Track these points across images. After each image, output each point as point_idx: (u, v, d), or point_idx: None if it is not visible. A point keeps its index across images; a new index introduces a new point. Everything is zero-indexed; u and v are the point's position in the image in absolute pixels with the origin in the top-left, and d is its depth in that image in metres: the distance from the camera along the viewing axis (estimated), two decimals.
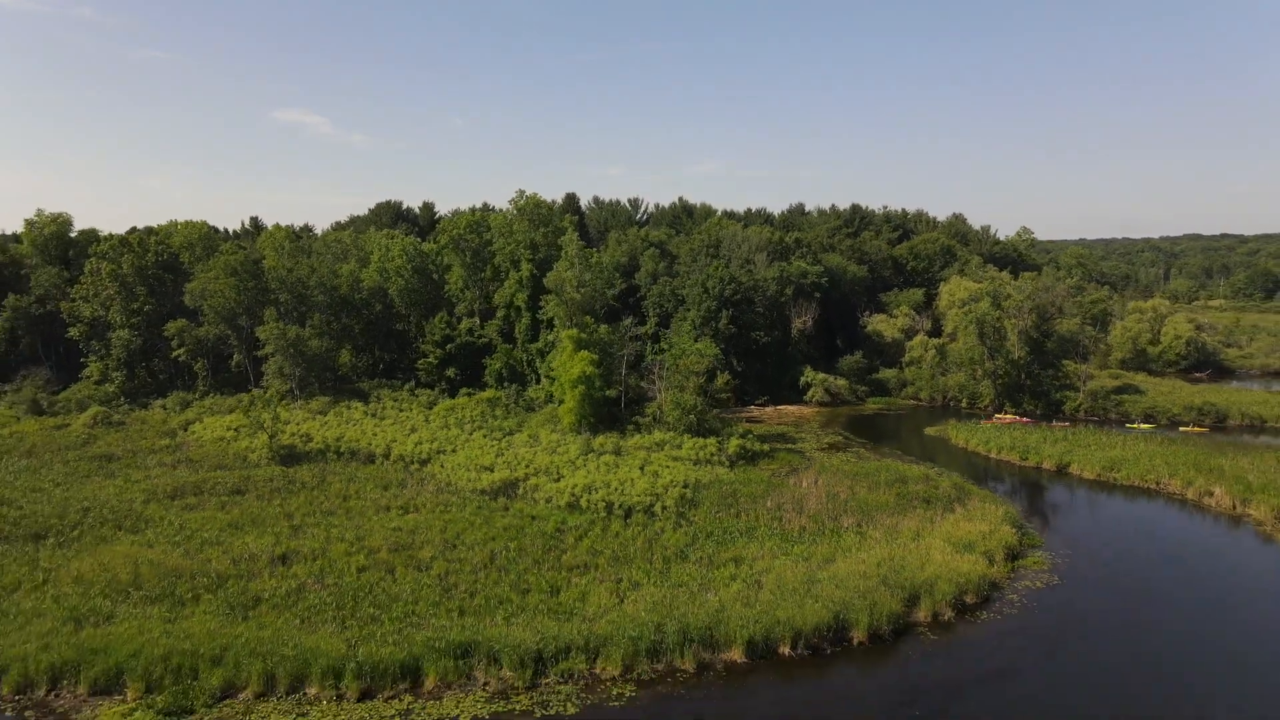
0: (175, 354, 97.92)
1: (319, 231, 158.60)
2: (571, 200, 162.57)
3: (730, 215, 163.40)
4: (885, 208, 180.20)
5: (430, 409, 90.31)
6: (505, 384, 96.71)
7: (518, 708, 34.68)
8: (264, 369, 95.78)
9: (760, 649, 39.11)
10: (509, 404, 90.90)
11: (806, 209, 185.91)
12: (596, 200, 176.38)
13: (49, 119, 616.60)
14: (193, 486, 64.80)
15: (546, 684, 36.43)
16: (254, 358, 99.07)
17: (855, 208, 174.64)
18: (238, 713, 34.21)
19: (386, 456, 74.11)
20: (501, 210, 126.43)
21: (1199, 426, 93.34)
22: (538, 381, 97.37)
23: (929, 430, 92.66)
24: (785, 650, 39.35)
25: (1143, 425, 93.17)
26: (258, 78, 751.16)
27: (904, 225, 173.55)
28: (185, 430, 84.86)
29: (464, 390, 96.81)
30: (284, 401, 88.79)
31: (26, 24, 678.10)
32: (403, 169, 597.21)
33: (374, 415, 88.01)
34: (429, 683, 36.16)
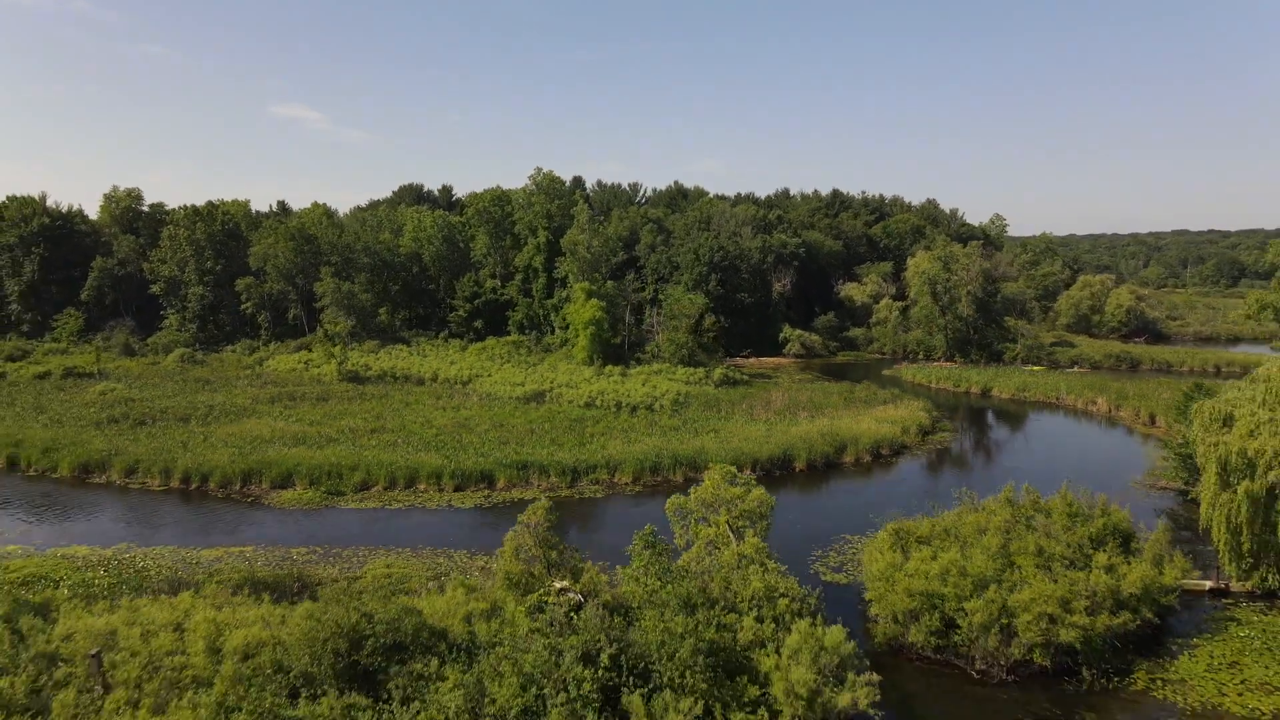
0: (243, 307, 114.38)
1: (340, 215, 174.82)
2: (578, 182, 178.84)
3: (721, 198, 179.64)
4: (863, 193, 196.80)
5: (463, 351, 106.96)
6: (526, 332, 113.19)
7: (562, 495, 51.30)
8: (320, 319, 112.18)
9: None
10: (530, 346, 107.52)
11: (791, 193, 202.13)
12: (600, 183, 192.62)
13: (47, 115, 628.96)
14: (285, 395, 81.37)
15: (581, 485, 53.11)
16: (310, 310, 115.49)
17: (835, 192, 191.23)
18: (374, 495, 50.84)
19: (434, 380, 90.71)
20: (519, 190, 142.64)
21: (1081, 368, 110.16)
22: (553, 331, 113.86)
23: (886, 372, 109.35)
24: (746, 472, 55.85)
25: (1035, 367, 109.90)
26: (255, 74, 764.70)
27: (880, 208, 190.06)
28: (260, 365, 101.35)
29: (490, 338, 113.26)
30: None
31: (24, 19, 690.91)
32: (402, 167, 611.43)
33: (417, 354, 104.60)
34: (500, 483, 52.81)
